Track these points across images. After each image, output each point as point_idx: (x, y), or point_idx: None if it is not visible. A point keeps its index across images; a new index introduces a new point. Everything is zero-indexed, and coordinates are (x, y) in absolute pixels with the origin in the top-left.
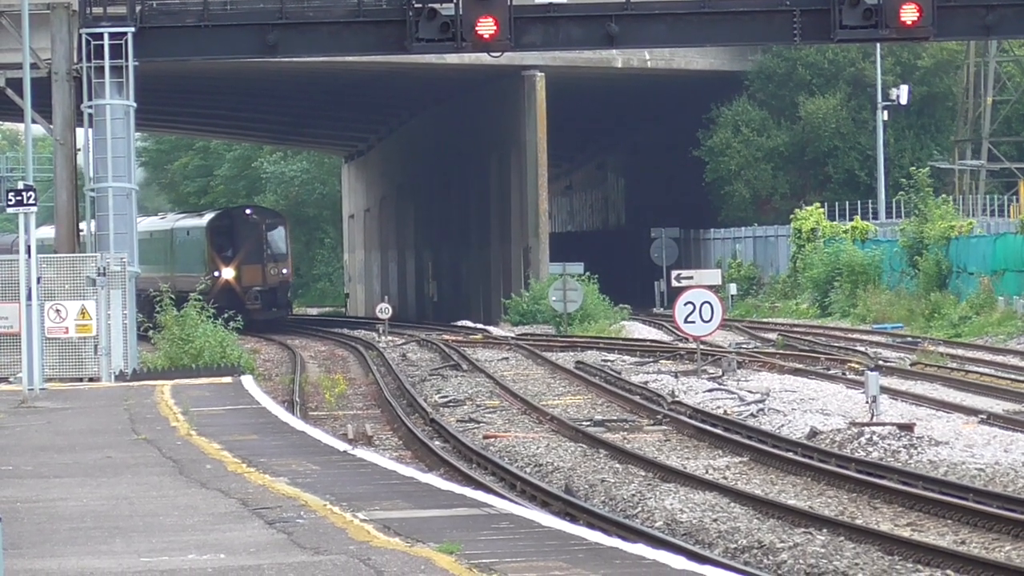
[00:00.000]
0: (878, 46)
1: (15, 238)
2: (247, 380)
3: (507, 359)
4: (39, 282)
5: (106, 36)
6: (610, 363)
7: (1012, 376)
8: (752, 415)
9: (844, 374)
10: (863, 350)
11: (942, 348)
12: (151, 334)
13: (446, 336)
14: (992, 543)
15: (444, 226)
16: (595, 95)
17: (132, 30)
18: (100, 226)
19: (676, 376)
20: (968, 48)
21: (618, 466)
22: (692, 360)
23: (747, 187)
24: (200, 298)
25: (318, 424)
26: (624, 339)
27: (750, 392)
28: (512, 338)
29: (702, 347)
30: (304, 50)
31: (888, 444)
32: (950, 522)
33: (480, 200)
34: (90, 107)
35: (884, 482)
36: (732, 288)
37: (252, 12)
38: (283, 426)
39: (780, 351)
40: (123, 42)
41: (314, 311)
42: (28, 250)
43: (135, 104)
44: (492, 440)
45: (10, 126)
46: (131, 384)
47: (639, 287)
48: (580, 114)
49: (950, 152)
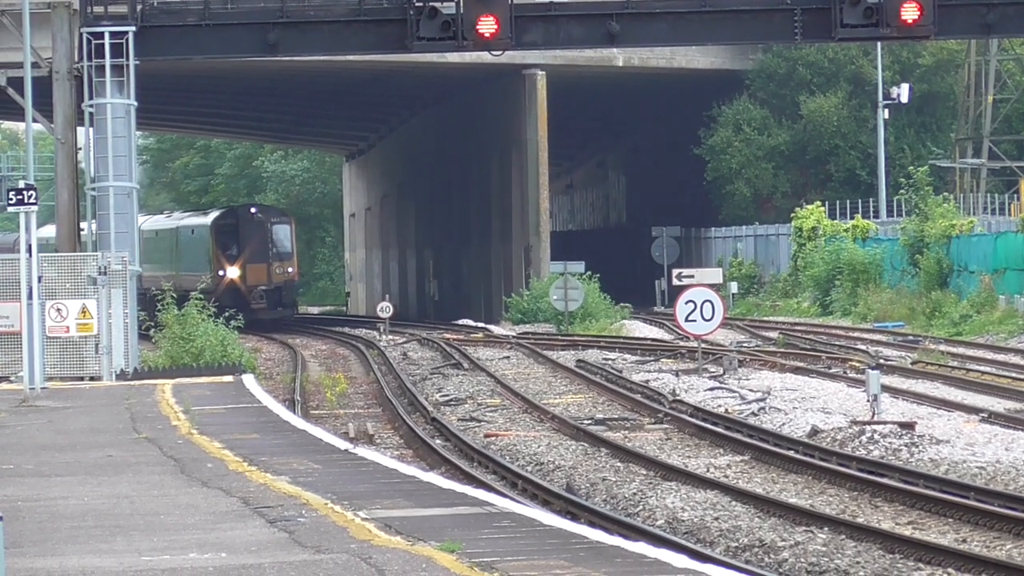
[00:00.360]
0: (879, 45)
1: (17, 237)
2: (248, 379)
3: (508, 358)
4: (40, 281)
5: (107, 35)
6: (611, 362)
7: (1013, 375)
8: (753, 414)
9: (845, 373)
10: (864, 349)
11: (943, 347)
12: (152, 333)
13: (447, 335)
14: (993, 542)
15: (445, 225)
16: (596, 94)
17: (133, 29)
18: (101, 225)
19: (677, 375)
20: (969, 47)
21: (619, 465)
22: (693, 359)
23: (748, 186)
24: (201, 297)
25: (319, 423)
26: (625, 338)
27: (751, 391)
28: (513, 337)
29: (703, 346)
30: (305, 49)
31: (889, 443)
32: (951, 521)
33: (481, 199)
34: (91, 106)
35: (885, 481)
36: (733, 287)
37: (253, 11)
38: (284, 425)
39: (781, 350)
40: (124, 41)
41: (315, 310)
42: (29, 249)
43: (136, 103)
44: (493, 439)
45: (11, 125)
46: (132, 383)
47: (640, 286)
48: (581, 113)
49: (951, 151)
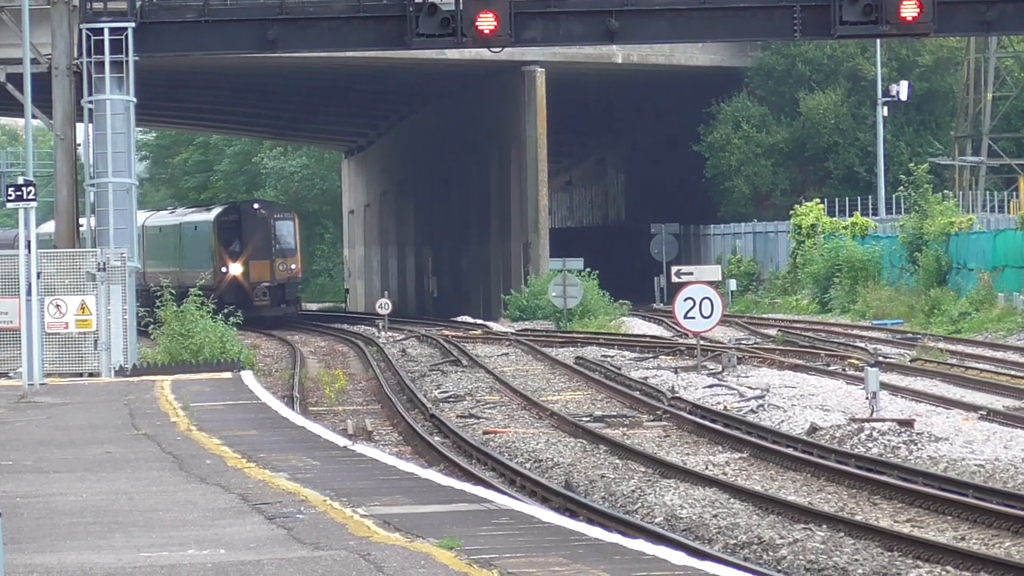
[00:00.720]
0: (878, 42)
1: (17, 233)
2: (247, 375)
3: (507, 355)
4: (39, 277)
5: (106, 31)
6: (610, 359)
7: (1012, 372)
8: (752, 411)
9: (844, 370)
10: (863, 346)
11: (942, 344)
12: (151, 329)
13: (446, 332)
14: (992, 539)
15: (444, 222)
16: (595, 91)
17: (132, 25)
18: (100, 221)
19: (676, 372)
20: (968, 44)
21: (618, 462)
22: (692, 356)
23: (747, 183)
24: (200, 293)
25: (318, 419)
26: (624, 335)
27: (750, 388)
28: (512, 334)
29: (702, 343)
30: (304, 45)
31: (888, 440)
32: (950, 518)
33: (480, 196)
34: (90, 102)
35: (884, 478)
36: (732, 284)
37: (252, 7)
38: (283, 421)
39: (780, 347)
40: (123, 37)
41: (314, 306)
42: (28, 245)
43: (135, 99)
44: (492, 436)
45: (10, 121)
46: (131, 379)
47: (639, 283)
48: (580, 110)
49: (950, 148)
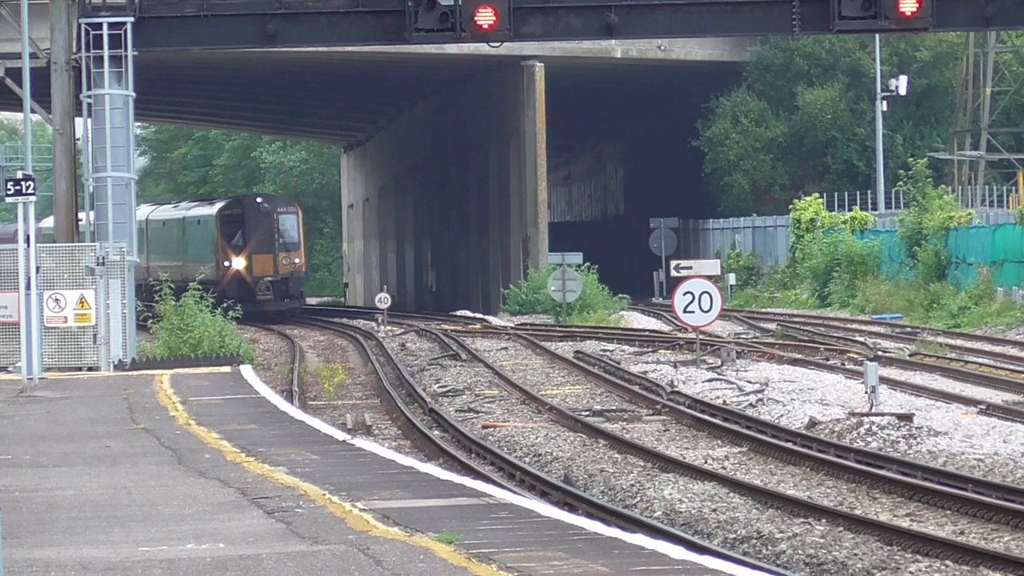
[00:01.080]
0: (877, 37)
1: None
2: (246, 370)
3: (506, 349)
4: (38, 271)
5: (105, 26)
6: (609, 353)
7: (1011, 367)
8: (751, 405)
9: (843, 364)
10: (862, 340)
11: (941, 338)
12: (150, 323)
13: (445, 326)
14: (991, 533)
15: (443, 216)
16: (594, 85)
17: (131, 20)
18: (99, 216)
19: (675, 366)
20: (967, 39)
21: (617, 456)
22: (691, 350)
23: (746, 177)
24: (200, 288)
25: (317, 414)
26: (623, 329)
27: (749, 382)
28: (511, 328)
29: (701, 337)
30: (303, 40)
31: (887, 434)
32: (949, 512)
33: (479, 190)
34: (89, 97)
35: (883, 472)
36: (731, 278)
37: (251, 2)
38: (282, 416)
39: (779, 341)
40: (122, 32)
41: (313, 301)
42: (27, 239)
43: (134, 94)
44: (491, 430)
45: (9, 116)
46: (130, 373)
47: (638, 277)
48: (579, 104)
49: (949, 143)
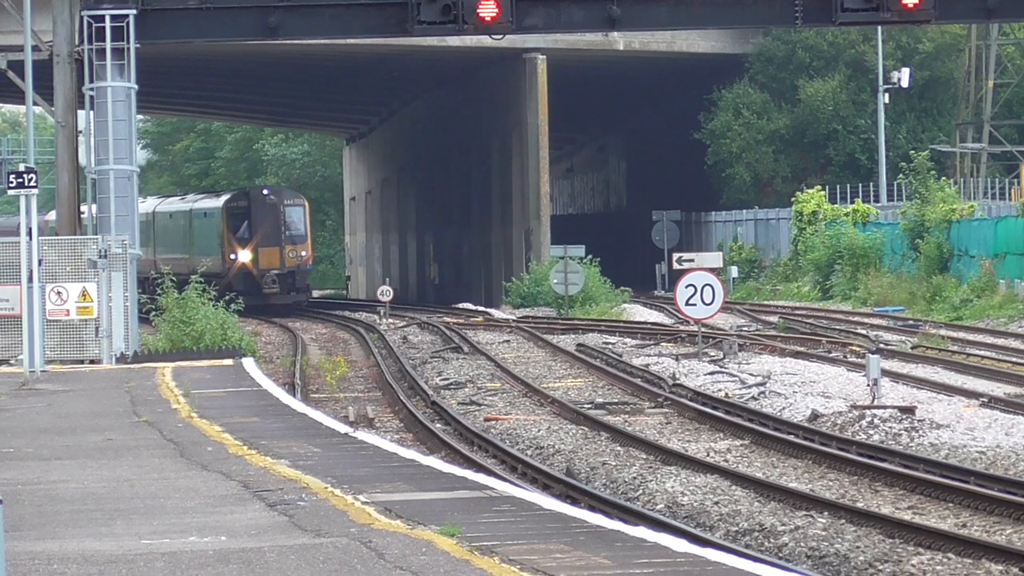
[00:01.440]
0: (879, 29)
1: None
2: (248, 362)
3: (508, 342)
4: (40, 264)
5: (108, 18)
6: (611, 346)
7: (1013, 359)
8: (753, 398)
9: (845, 357)
10: (864, 333)
11: (943, 331)
12: (152, 316)
13: (447, 319)
14: (993, 526)
15: (445, 209)
16: (596, 78)
17: (134, 12)
18: (101, 208)
19: (677, 359)
20: (969, 31)
21: (619, 449)
22: (693, 343)
23: (748, 170)
24: (202, 280)
25: (319, 406)
26: (625, 322)
27: (751, 375)
28: (513, 321)
29: (703, 330)
30: (306, 32)
31: (889, 427)
32: (951, 505)
33: (481, 183)
34: (92, 89)
35: (885, 465)
36: (733, 271)
37: None
38: (284, 408)
39: (781, 334)
40: (125, 24)
41: (315, 293)
42: (29, 232)
43: (137, 86)
44: (493, 423)
45: (12, 108)
46: (132, 366)
47: (640, 270)
48: (581, 97)
49: (951, 135)
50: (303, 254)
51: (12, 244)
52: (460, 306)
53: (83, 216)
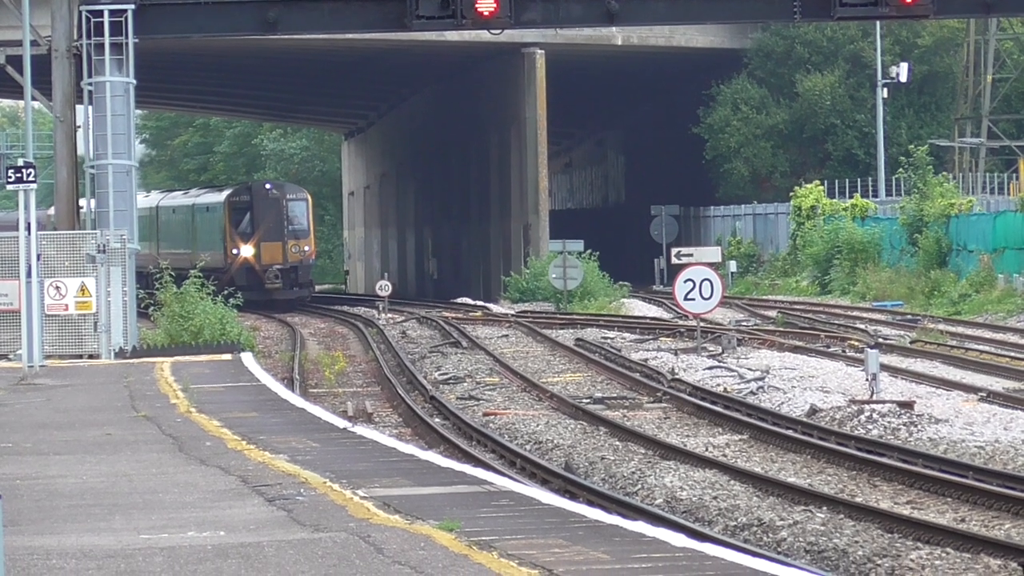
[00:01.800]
0: (878, 24)
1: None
2: (247, 357)
3: (507, 336)
4: (39, 259)
5: (106, 13)
6: (610, 340)
7: (1012, 354)
8: (752, 393)
9: (844, 352)
10: (863, 328)
11: (942, 326)
12: (151, 311)
13: (446, 313)
14: (992, 521)
15: (444, 203)
16: (595, 72)
17: (132, 7)
18: (100, 203)
19: (676, 353)
20: (968, 26)
21: (618, 444)
22: (692, 338)
23: (746, 165)
24: (201, 275)
25: (318, 401)
26: (624, 316)
27: (750, 370)
28: (512, 315)
29: (702, 325)
30: (304, 27)
31: (888, 422)
32: (950, 500)
33: (480, 177)
34: (90, 84)
35: (884, 460)
36: (732, 265)
37: None
38: (283, 403)
39: (780, 329)
40: (123, 19)
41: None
42: (28, 227)
43: (135, 81)
44: (492, 417)
45: (10, 103)
46: (131, 361)
47: (639, 264)
48: (580, 91)
49: (950, 130)
50: (306, 249)
51: (11, 239)
52: (459, 301)
53: (82, 211)
